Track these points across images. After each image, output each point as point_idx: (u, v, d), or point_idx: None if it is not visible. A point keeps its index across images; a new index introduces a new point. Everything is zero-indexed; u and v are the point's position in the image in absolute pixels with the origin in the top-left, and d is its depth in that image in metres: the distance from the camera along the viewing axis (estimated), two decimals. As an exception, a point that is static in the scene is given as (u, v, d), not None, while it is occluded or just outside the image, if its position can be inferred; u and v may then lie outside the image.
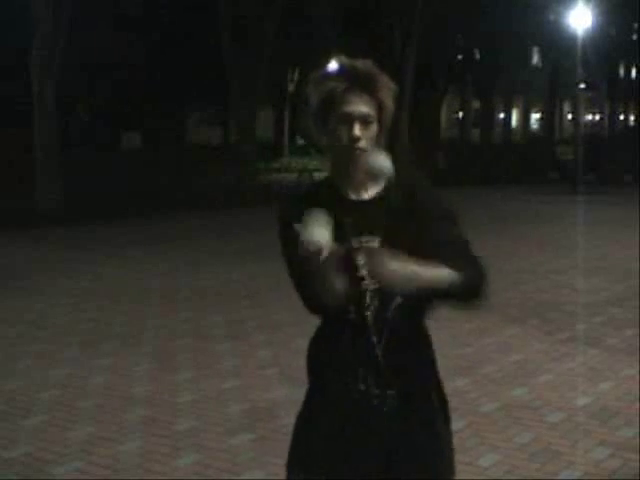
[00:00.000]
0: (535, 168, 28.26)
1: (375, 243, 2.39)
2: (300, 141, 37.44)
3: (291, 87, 35.71)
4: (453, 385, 6.02)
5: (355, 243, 2.39)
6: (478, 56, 40.15)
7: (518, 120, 54.21)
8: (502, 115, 45.54)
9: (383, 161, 2.43)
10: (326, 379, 2.47)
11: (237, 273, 10.41)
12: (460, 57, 40.22)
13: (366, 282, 2.37)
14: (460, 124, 47.86)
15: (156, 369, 6.46)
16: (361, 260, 2.36)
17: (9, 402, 5.71)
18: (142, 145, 35.27)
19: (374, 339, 2.40)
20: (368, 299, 2.38)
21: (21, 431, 5.16)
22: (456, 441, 4.99)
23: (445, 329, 7.63)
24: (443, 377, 5.91)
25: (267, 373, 6.22)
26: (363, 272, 2.36)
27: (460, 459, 4.66)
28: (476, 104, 44.50)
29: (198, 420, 5.33)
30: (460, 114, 48.60)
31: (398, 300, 2.39)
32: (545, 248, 12.80)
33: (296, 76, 35.04)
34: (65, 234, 14.41)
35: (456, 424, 5.21)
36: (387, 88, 2.42)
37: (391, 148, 2.46)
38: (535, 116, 57.88)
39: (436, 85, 36.64)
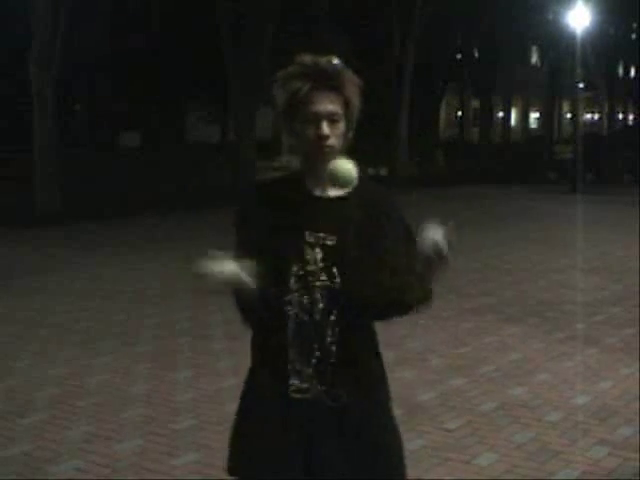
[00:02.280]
0: (534, 167, 28.26)
1: (332, 241, 2.40)
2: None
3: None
4: (452, 384, 6.03)
5: (310, 238, 2.40)
6: (477, 55, 40.13)
7: (517, 119, 54.21)
8: (501, 114, 45.54)
9: (348, 168, 2.40)
10: (268, 378, 2.45)
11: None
12: (459, 56, 40.20)
13: (314, 278, 2.38)
14: (459, 123, 47.85)
15: (155, 368, 6.46)
16: (312, 255, 2.38)
17: (8, 400, 5.71)
18: (141, 144, 35.28)
19: (319, 337, 2.39)
20: (315, 295, 2.39)
21: (20, 430, 5.16)
22: (454, 440, 5.02)
23: (443, 328, 7.64)
24: (442, 376, 5.91)
25: (266, 372, 6.22)
26: (313, 267, 2.37)
27: (458, 458, 4.68)
28: (475, 103, 44.50)
29: (197, 419, 5.33)
30: (459, 113, 48.59)
31: (344, 299, 2.39)
32: (544, 247, 12.80)
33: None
34: (64, 234, 14.40)
35: (454, 423, 5.24)
36: (352, 84, 2.42)
37: (391, 148, 2.47)
38: (534, 115, 57.89)
39: (435, 84, 36.62)
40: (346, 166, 2.39)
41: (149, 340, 7.32)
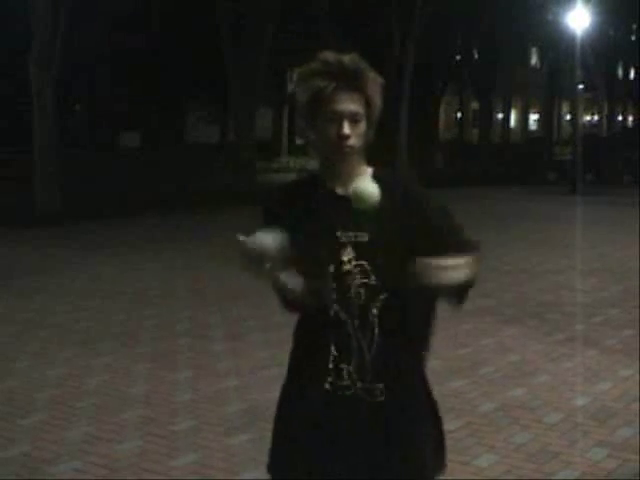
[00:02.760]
0: (534, 168, 28.27)
1: (364, 237, 2.41)
2: (299, 141, 37.47)
3: (290, 87, 35.70)
4: (451, 385, 6.03)
5: (342, 237, 2.41)
6: (477, 56, 40.13)
7: (517, 120, 54.23)
8: (501, 115, 45.57)
9: (371, 187, 2.38)
10: (308, 376, 2.46)
11: (236, 273, 10.40)
12: (459, 57, 40.20)
13: (351, 277, 2.39)
14: (459, 124, 47.86)
15: (154, 369, 6.46)
16: (346, 255, 2.39)
17: (7, 401, 5.71)
18: (141, 144, 35.29)
19: (360, 334, 2.40)
20: (353, 294, 2.40)
21: (19, 430, 5.16)
22: (454, 441, 5.02)
23: (443, 330, 7.62)
24: (441, 377, 5.89)
25: (265, 373, 6.22)
26: (348, 267, 2.38)
27: (458, 459, 4.68)
28: (475, 104, 44.51)
29: (196, 420, 5.33)
30: (459, 114, 48.59)
31: (383, 295, 2.40)
32: (544, 248, 12.81)
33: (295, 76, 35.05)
34: (64, 234, 14.40)
35: (454, 424, 5.24)
36: (375, 84, 2.41)
37: (391, 149, 2.46)
38: (534, 116, 57.90)
39: (435, 85, 36.62)
40: (369, 188, 2.37)
41: (149, 341, 7.32)
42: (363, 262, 2.39)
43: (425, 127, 34.50)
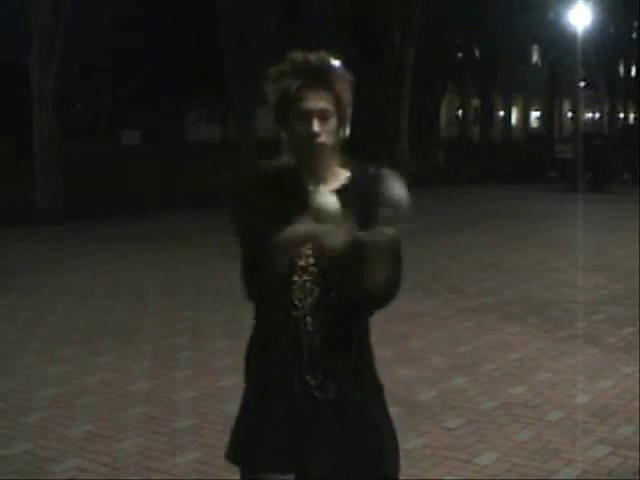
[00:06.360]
0: (535, 166, 28.24)
1: None
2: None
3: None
4: (452, 383, 6.03)
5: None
6: (478, 54, 40.12)
7: (518, 118, 54.18)
8: (502, 113, 45.51)
9: (330, 201, 2.37)
10: (267, 372, 2.50)
11: (236, 271, 10.39)
12: (460, 55, 40.17)
13: (306, 273, 2.41)
14: (460, 122, 47.84)
15: (155, 366, 6.46)
16: (305, 251, 2.40)
17: (8, 400, 5.71)
18: (142, 143, 35.31)
19: (312, 331, 2.42)
20: (308, 290, 2.42)
21: (20, 429, 5.16)
22: (455, 439, 5.02)
23: (444, 327, 7.65)
24: (443, 375, 5.90)
25: (266, 371, 6.22)
26: (302, 262, 2.41)
27: (459, 457, 4.69)
28: (476, 102, 44.50)
29: (197, 417, 5.33)
30: (460, 112, 48.57)
31: (333, 295, 2.42)
32: (545, 246, 12.81)
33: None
34: (64, 232, 14.40)
35: (455, 422, 5.25)
36: (343, 81, 2.43)
37: (392, 147, 2.45)
38: (535, 114, 57.87)
39: (436, 83, 36.61)
40: (330, 204, 2.36)
41: (149, 339, 7.32)
42: (318, 260, 2.41)
43: (426, 125, 34.49)
